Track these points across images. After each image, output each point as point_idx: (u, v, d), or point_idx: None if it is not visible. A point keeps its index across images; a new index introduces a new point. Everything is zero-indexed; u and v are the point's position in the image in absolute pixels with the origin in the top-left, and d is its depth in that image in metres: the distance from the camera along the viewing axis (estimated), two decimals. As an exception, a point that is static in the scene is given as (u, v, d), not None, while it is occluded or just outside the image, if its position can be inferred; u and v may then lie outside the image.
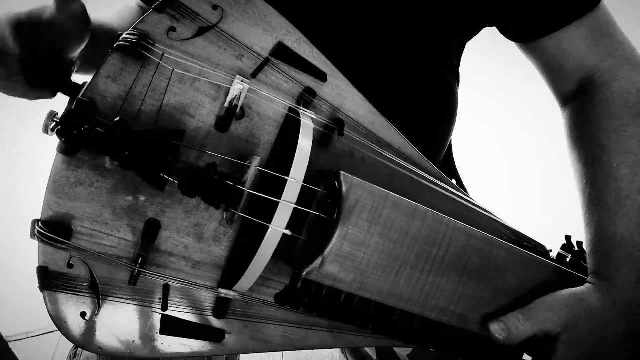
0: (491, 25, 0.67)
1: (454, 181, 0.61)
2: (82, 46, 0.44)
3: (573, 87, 0.64)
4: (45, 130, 0.40)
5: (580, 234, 0.60)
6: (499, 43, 0.69)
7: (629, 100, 0.58)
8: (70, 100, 0.42)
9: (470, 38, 0.71)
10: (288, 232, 0.40)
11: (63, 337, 0.43)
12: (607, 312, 0.51)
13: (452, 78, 0.72)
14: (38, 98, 0.44)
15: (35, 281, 0.42)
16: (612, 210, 0.54)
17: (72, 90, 0.42)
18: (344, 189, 0.42)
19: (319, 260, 0.42)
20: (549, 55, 0.64)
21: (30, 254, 0.43)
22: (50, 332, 1.41)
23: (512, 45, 0.69)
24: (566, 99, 0.66)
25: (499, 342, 0.49)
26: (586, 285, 0.54)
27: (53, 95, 0.44)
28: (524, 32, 0.64)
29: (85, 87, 0.41)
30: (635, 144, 0.55)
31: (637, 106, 0.57)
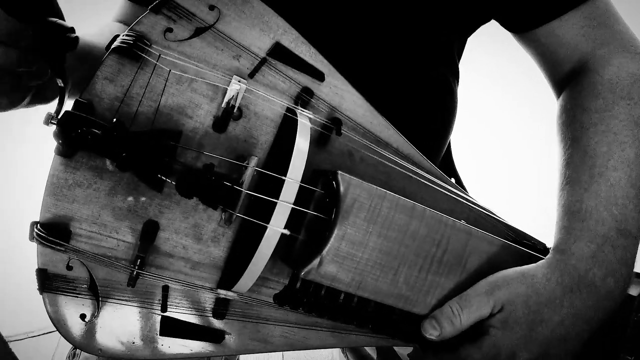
0: (490, 19, 0.66)
1: (453, 180, 0.61)
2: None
3: (567, 74, 0.64)
4: (47, 122, 0.39)
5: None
6: (498, 41, 0.69)
7: (618, 83, 0.57)
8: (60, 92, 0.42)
9: (471, 34, 0.71)
10: (286, 232, 0.40)
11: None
12: (552, 289, 0.48)
13: (452, 76, 0.72)
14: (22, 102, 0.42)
15: (35, 282, 0.42)
16: (583, 187, 0.52)
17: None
18: (342, 188, 0.42)
19: (317, 260, 0.42)
20: (544, 45, 0.63)
21: (30, 254, 0.43)
22: (50, 332, 1.41)
23: (511, 43, 0.69)
24: (560, 88, 0.66)
25: (432, 341, 0.47)
26: (539, 261, 0.51)
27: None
28: (519, 23, 0.63)
29: (84, 89, 0.41)
30: (616, 124, 0.54)
31: (625, 89, 0.56)
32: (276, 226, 0.39)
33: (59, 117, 0.39)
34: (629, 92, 0.56)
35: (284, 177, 0.40)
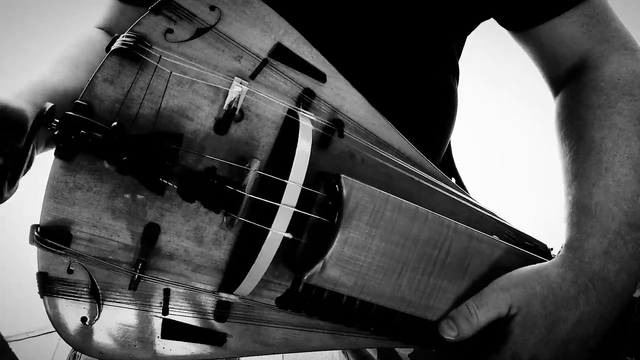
0: (489, 17, 0.66)
1: (453, 180, 0.61)
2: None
3: (566, 73, 0.64)
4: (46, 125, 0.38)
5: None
6: (499, 41, 0.69)
7: (620, 80, 0.57)
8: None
9: (470, 32, 0.70)
10: (289, 235, 0.40)
11: (63, 338, 0.43)
12: (567, 288, 0.48)
13: (452, 75, 0.71)
14: None
15: (35, 282, 0.42)
16: (591, 182, 0.52)
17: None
18: (345, 192, 0.42)
19: (320, 265, 0.41)
20: (543, 43, 0.63)
21: (30, 254, 0.43)
22: (50, 332, 1.41)
23: (512, 42, 0.69)
24: (559, 87, 0.65)
25: (450, 341, 0.47)
26: (552, 260, 0.51)
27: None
28: (519, 20, 0.63)
29: (83, 91, 0.41)
30: (621, 119, 0.54)
31: (626, 86, 0.56)
32: (278, 230, 0.39)
33: (59, 120, 0.38)
34: (631, 88, 0.56)
35: (286, 181, 0.39)
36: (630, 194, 0.51)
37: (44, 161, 0.43)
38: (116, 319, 0.44)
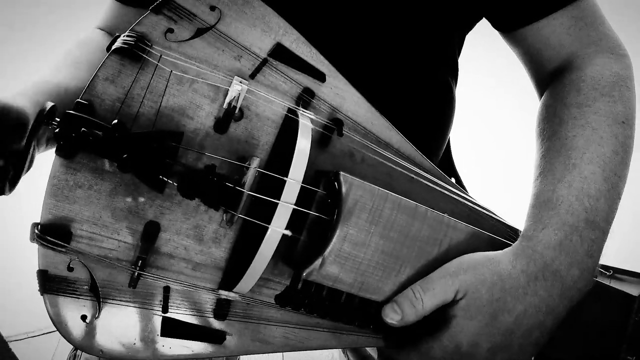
0: (481, 17, 0.67)
1: (453, 180, 0.61)
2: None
3: (551, 74, 0.64)
4: (47, 124, 0.38)
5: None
6: (498, 39, 0.69)
7: (600, 80, 0.56)
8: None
9: (467, 31, 0.71)
10: (288, 232, 0.40)
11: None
12: (516, 276, 0.46)
13: (451, 75, 0.72)
14: None
15: (35, 281, 0.42)
16: (557, 177, 0.52)
17: None
18: (344, 189, 0.42)
19: (319, 261, 0.42)
20: (530, 44, 0.63)
21: (30, 254, 0.43)
22: (50, 332, 1.41)
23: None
24: (543, 88, 0.66)
25: (393, 326, 0.45)
26: (506, 248, 0.50)
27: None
28: (506, 21, 0.64)
29: (84, 89, 0.41)
30: (595, 119, 0.54)
31: (607, 87, 0.56)
32: (277, 227, 0.39)
33: (59, 118, 0.39)
34: (611, 89, 0.56)
35: (285, 178, 0.40)
36: (594, 192, 0.50)
37: (45, 160, 0.44)
38: (116, 317, 0.44)
